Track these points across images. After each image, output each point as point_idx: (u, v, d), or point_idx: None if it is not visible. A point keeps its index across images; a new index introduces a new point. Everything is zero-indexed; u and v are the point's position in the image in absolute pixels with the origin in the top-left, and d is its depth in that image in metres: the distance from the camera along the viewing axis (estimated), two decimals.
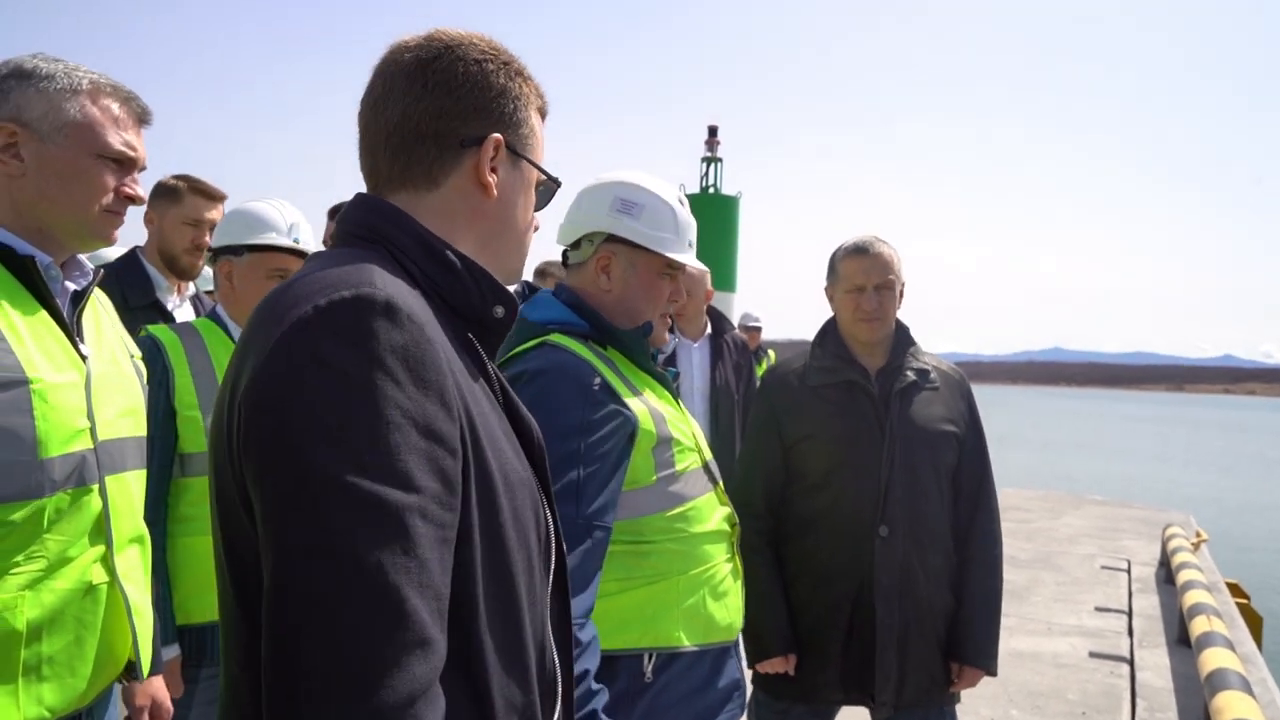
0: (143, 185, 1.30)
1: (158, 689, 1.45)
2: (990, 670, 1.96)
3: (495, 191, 0.85)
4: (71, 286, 1.23)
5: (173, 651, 1.67)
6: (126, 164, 1.24)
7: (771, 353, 5.31)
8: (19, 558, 1.07)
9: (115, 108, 1.22)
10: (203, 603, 1.69)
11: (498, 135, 0.84)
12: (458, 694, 0.72)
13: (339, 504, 0.64)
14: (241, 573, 0.72)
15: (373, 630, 0.63)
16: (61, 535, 1.12)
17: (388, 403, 0.67)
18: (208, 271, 3.14)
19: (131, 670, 1.27)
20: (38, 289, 1.16)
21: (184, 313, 2.38)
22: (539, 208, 0.93)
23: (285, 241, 1.85)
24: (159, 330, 1.79)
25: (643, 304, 1.49)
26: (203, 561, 1.67)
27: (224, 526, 0.74)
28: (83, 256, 1.29)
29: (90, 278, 1.28)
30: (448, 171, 0.84)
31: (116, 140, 1.22)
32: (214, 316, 1.88)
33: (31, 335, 1.12)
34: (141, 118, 1.27)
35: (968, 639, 1.94)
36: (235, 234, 1.85)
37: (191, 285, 2.45)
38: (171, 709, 1.51)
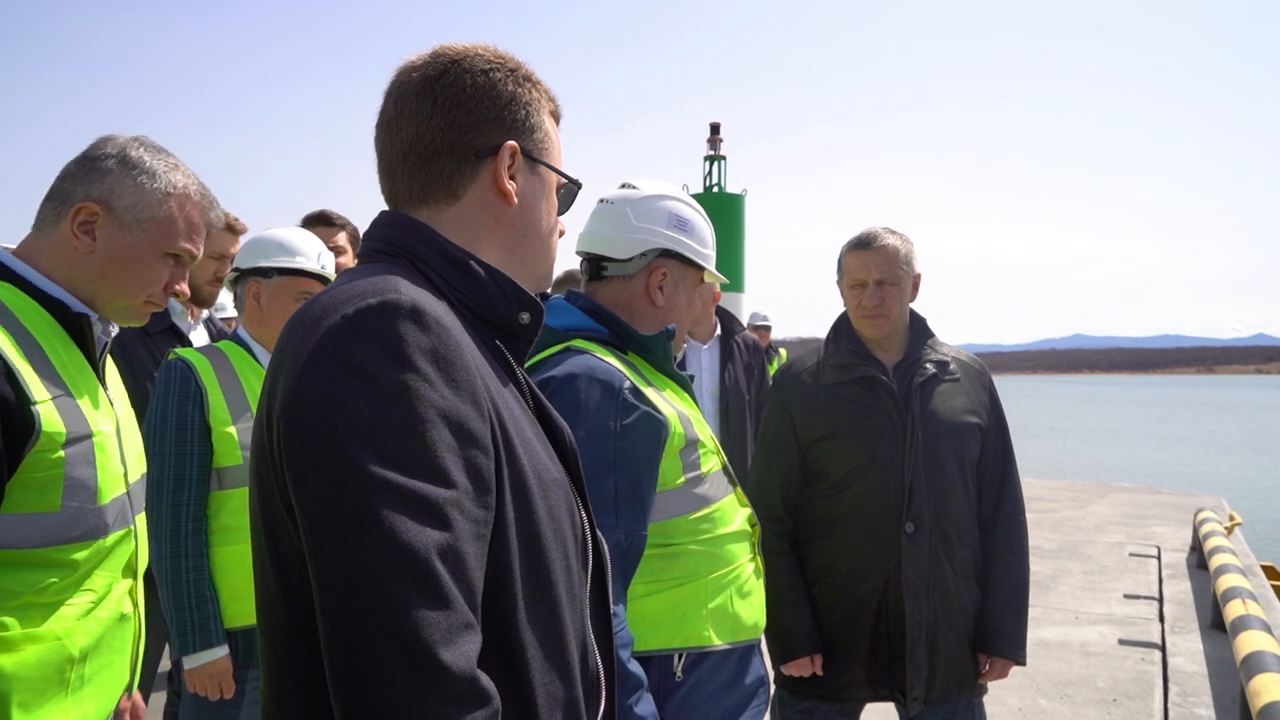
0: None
1: (139, 700, 1.52)
2: (1019, 660, 1.95)
3: (516, 199, 0.87)
4: (104, 339, 1.29)
5: (222, 650, 1.76)
6: (183, 262, 1.30)
7: (783, 351, 5.28)
8: (74, 592, 1.16)
9: (195, 215, 1.29)
10: (246, 606, 1.76)
11: (513, 142, 0.86)
12: (499, 686, 0.74)
13: (383, 501, 0.68)
14: (288, 577, 0.75)
15: (429, 614, 0.66)
16: (108, 571, 1.22)
17: (421, 402, 0.70)
18: (221, 296, 3.22)
19: (127, 691, 1.35)
20: (84, 343, 1.22)
21: (198, 335, 2.45)
22: (562, 211, 0.94)
23: (315, 267, 1.94)
24: (187, 353, 1.88)
25: (684, 317, 1.55)
26: (244, 568, 1.73)
27: (269, 534, 0.77)
28: None
29: (115, 331, 1.33)
30: (466, 184, 0.86)
31: (183, 242, 1.28)
32: (236, 338, 1.95)
33: (85, 389, 1.19)
34: (212, 225, 1.33)
35: (996, 630, 1.93)
36: (265, 256, 1.94)
37: (204, 310, 2.54)
38: (145, 710, 1.56)
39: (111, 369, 1.35)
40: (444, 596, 0.67)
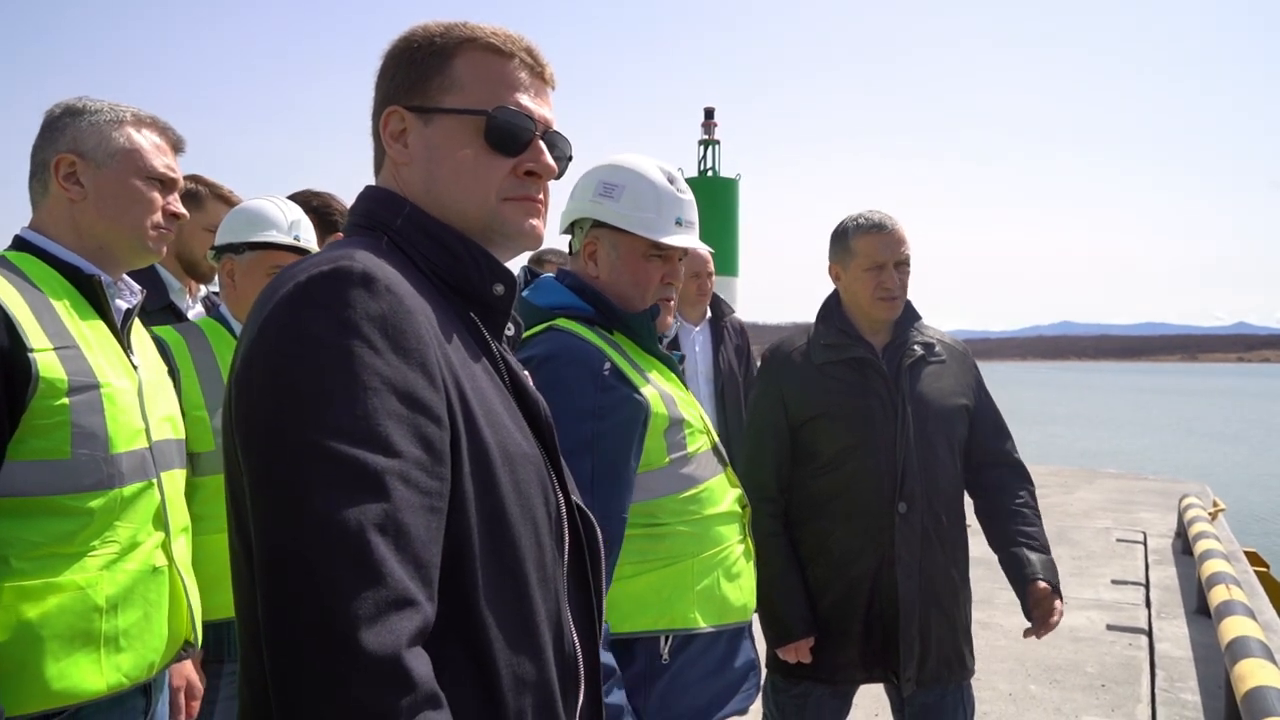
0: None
1: (190, 670, 1.54)
2: (1058, 590, 1.90)
3: (408, 157, 0.86)
4: (123, 305, 1.36)
5: None
6: (168, 184, 1.39)
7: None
8: (96, 542, 1.21)
9: (155, 136, 1.39)
10: (220, 599, 1.71)
11: (393, 106, 0.86)
12: (459, 666, 0.72)
13: (318, 469, 0.66)
14: (253, 554, 0.72)
15: (354, 590, 0.64)
16: (130, 523, 1.26)
17: (365, 369, 0.69)
18: None
19: (188, 648, 1.39)
20: (99, 305, 1.30)
21: (196, 314, 2.39)
22: (513, 147, 0.85)
23: (285, 239, 1.86)
24: (164, 331, 1.82)
25: (629, 288, 1.45)
26: (216, 559, 1.71)
27: (235, 510, 0.76)
28: (129, 278, 1.41)
29: (138, 297, 1.40)
30: (383, 151, 0.89)
31: (159, 163, 1.37)
32: (218, 316, 1.90)
33: (98, 345, 1.26)
34: (176, 145, 1.43)
35: (1034, 558, 1.90)
36: (236, 232, 1.87)
37: (202, 286, 2.47)
38: (202, 687, 1.57)
39: (140, 335, 1.43)
40: (375, 571, 0.64)
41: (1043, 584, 1.88)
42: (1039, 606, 1.89)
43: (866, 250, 1.93)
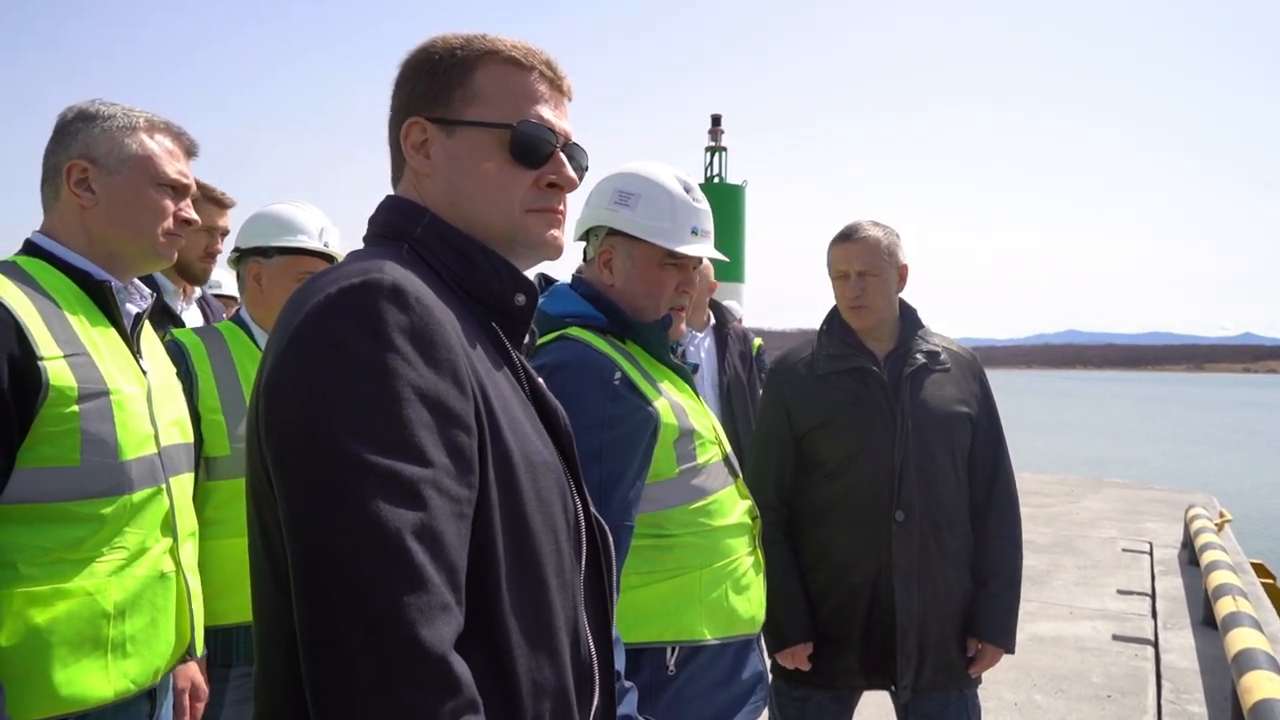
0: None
1: (195, 673, 1.54)
2: (1009, 648, 1.95)
3: (430, 168, 0.87)
4: (133, 309, 1.36)
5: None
6: (180, 191, 1.38)
7: (756, 340, 5.10)
8: (105, 548, 1.21)
9: (168, 142, 1.38)
10: (230, 604, 1.70)
11: (415, 117, 0.87)
12: (482, 671, 0.72)
13: (356, 478, 0.67)
14: (278, 560, 0.73)
15: (400, 595, 0.65)
16: (139, 529, 1.26)
17: (399, 380, 0.70)
18: (216, 274, 3.11)
19: (190, 652, 1.39)
20: (109, 310, 1.30)
21: (191, 315, 2.38)
22: (534, 160, 0.86)
23: (316, 245, 1.85)
24: (182, 334, 1.82)
25: (643, 298, 1.46)
26: (229, 563, 1.68)
27: (259, 518, 0.76)
28: (139, 282, 1.41)
29: (149, 301, 1.40)
30: (402, 160, 0.89)
31: (172, 170, 1.36)
32: (238, 320, 1.88)
33: (108, 351, 1.26)
34: (190, 150, 1.42)
35: (987, 616, 1.93)
36: (265, 235, 1.85)
37: (197, 288, 2.46)
38: (207, 690, 1.57)
39: (150, 339, 1.43)
40: (418, 576, 0.66)
41: (987, 648, 1.94)
42: (979, 661, 1.95)
43: (834, 260, 1.98)
